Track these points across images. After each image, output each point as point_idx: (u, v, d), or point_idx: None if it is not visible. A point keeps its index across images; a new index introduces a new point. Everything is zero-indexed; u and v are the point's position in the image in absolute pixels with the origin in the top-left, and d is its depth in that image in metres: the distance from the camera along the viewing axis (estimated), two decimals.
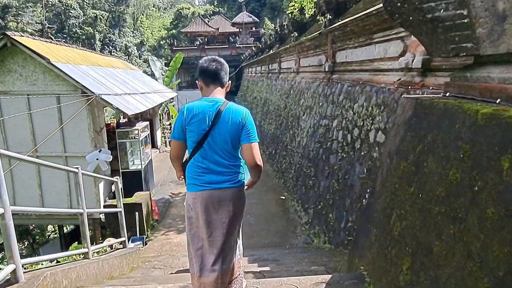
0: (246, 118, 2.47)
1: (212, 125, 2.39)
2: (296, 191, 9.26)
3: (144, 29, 70.44)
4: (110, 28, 60.21)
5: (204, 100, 2.48)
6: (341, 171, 6.53)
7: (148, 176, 10.05)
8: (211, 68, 2.49)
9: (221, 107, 2.42)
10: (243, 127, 2.45)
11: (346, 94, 6.99)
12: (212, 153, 2.45)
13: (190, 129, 2.42)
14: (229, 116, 2.42)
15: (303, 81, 10.94)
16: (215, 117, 2.39)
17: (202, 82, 2.56)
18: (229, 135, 2.41)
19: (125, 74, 12.99)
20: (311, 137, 8.84)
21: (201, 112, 2.40)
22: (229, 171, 2.52)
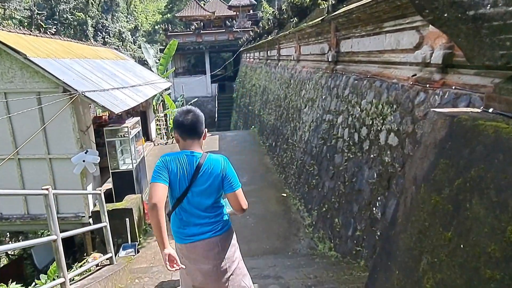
0: (225, 168, 2.48)
1: (192, 182, 2.40)
2: (298, 189, 8.72)
3: (138, 13, 69.01)
4: (103, 13, 58.81)
5: (182, 154, 2.47)
6: (347, 173, 5.97)
7: (140, 175, 9.51)
8: (187, 123, 2.47)
9: (200, 161, 2.42)
10: (224, 178, 2.46)
11: (352, 88, 6.37)
12: (192, 207, 2.46)
13: (171, 182, 2.40)
14: (208, 170, 2.43)
15: (304, 70, 10.29)
16: (195, 173, 2.39)
17: (178, 136, 2.55)
18: (210, 189, 2.43)
19: (114, 65, 12.30)
20: (313, 132, 8.25)
21: (180, 169, 2.40)
22: (210, 221, 2.52)
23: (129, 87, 10.46)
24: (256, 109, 18.72)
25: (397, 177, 4.38)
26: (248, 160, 13.02)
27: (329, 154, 6.98)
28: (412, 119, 4.22)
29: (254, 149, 14.57)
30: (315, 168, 7.71)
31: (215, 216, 2.55)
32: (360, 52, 6.46)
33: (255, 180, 10.85)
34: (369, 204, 5.00)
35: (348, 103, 6.44)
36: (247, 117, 22.29)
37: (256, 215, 8.41)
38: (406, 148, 4.24)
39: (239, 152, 14.08)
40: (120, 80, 10.73)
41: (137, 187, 9.16)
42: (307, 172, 8.18)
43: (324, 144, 7.36)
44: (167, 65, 21.70)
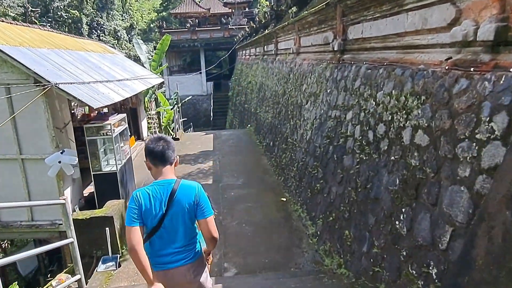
0: (199, 194, 2.49)
1: (167, 210, 2.40)
2: (300, 193, 7.88)
3: (134, 11, 68.20)
4: (98, 11, 58.02)
5: (155, 185, 2.50)
6: (360, 177, 5.13)
7: (126, 177, 8.62)
8: (157, 150, 2.50)
9: (173, 188, 2.44)
10: (198, 205, 2.46)
11: (364, 79, 5.53)
12: (167, 235, 2.47)
13: (145, 216, 2.41)
14: (182, 196, 2.44)
15: (305, 63, 9.45)
16: (169, 201, 2.41)
17: (150, 163, 2.57)
18: (184, 216, 2.44)
19: (100, 58, 11.40)
20: (317, 131, 7.41)
21: (155, 199, 2.42)
22: (184, 249, 2.54)
23: (114, 81, 9.57)
24: (252, 107, 17.87)
25: (428, 185, 3.55)
26: (244, 160, 12.17)
27: (336, 155, 6.14)
28: (449, 113, 3.39)
29: (251, 149, 13.72)
30: (319, 170, 6.87)
31: (189, 244, 2.58)
32: (373, 37, 5.62)
33: (252, 182, 10.00)
34: (390, 216, 4.16)
35: (359, 96, 5.60)
36: (243, 115, 21.44)
37: (253, 223, 7.56)
38: (442, 149, 3.40)
39: (234, 152, 13.23)
40: (105, 73, 9.83)
41: (122, 191, 8.28)
42: (310, 175, 7.34)
43: (330, 143, 6.53)
44: (160, 61, 20.74)
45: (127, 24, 63.40)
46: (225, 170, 11.18)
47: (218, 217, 7.48)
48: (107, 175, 8.01)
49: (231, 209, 8.27)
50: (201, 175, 10.77)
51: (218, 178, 10.46)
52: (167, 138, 2.59)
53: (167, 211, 2.43)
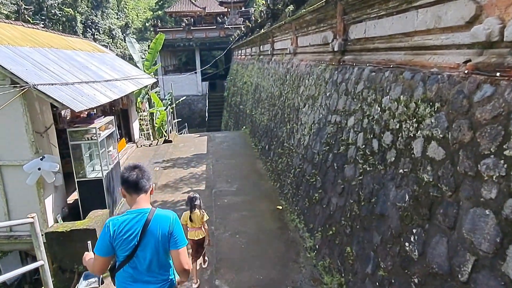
0: (174, 224, 2.44)
1: (140, 240, 2.35)
2: (297, 201, 7.44)
3: (129, 10, 67.64)
4: (92, 9, 57.44)
5: (130, 214, 2.43)
6: (363, 189, 4.70)
7: (113, 184, 8.14)
8: (131, 179, 2.46)
9: (148, 218, 2.38)
10: (171, 235, 2.41)
11: (368, 82, 5.10)
12: (140, 265, 2.41)
13: (118, 245, 2.36)
14: (156, 226, 2.39)
15: (303, 64, 9.02)
16: (142, 232, 2.35)
17: (124, 191, 2.51)
18: (158, 247, 2.40)
19: (88, 57, 10.91)
20: (315, 136, 6.98)
21: (128, 229, 2.36)
22: (158, 279, 2.47)
23: (102, 81, 9.09)
24: (248, 109, 17.43)
25: (445, 205, 3.12)
26: (238, 165, 11.71)
27: (336, 164, 5.71)
28: (469, 124, 2.96)
29: (245, 152, 13.27)
30: (317, 179, 6.44)
31: (162, 274, 2.52)
32: (377, 37, 5.19)
33: (247, 188, 9.55)
34: (398, 236, 3.73)
35: (362, 101, 5.17)
36: (238, 116, 20.99)
37: (247, 234, 7.11)
38: (461, 165, 2.98)
39: (229, 156, 12.77)
40: (92, 73, 9.35)
41: (109, 199, 7.81)
42: (308, 183, 6.91)
43: (330, 151, 6.09)
44: (153, 61, 20.24)
45: (122, 23, 62.84)
46: (218, 175, 10.73)
47: (210, 227, 7.02)
48: (92, 182, 7.54)
49: (224, 218, 7.82)
50: (193, 180, 10.32)
51: (211, 183, 10.01)
52: (142, 167, 2.58)
53: (140, 242, 2.38)
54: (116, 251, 2.42)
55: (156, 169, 11.61)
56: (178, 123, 28.35)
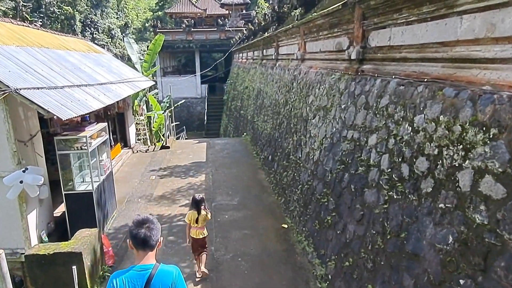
0: (176, 280, 2.48)
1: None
2: (305, 222, 6.83)
3: (129, 10, 67.14)
4: (92, 8, 56.90)
5: (133, 270, 2.45)
6: (389, 220, 4.09)
7: (104, 197, 7.50)
8: (139, 236, 2.44)
9: (151, 274, 2.42)
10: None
11: (395, 97, 4.50)
12: None
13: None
14: (159, 282, 2.43)
15: (312, 71, 8.42)
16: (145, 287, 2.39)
17: (132, 245, 2.51)
18: None
19: (82, 58, 10.27)
20: (327, 152, 6.37)
21: (132, 286, 2.39)
22: None
23: (95, 85, 8.45)
24: (249, 114, 16.82)
25: (507, 257, 2.51)
26: (240, 175, 11.09)
27: (354, 186, 5.10)
28: None
29: (247, 161, 12.65)
30: (330, 200, 5.83)
31: None
32: (406, 45, 4.59)
33: (249, 202, 8.92)
34: (439, 285, 3.12)
35: (387, 117, 4.57)
36: (238, 122, 20.38)
37: (250, 256, 6.48)
38: None
39: (229, 165, 12.14)
40: (86, 76, 8.71)
41: (99, 214, 7.16)
42: (318, 203, 6.29)
43: (346, 170, 5.48)
44: (152, 62, 19.62)
45: (121, 23, 62.33)
46: (218, 186, 10.10)
47: (210, 247, 6.40)
48: (81, 196, 6.90)
49: (225, 237, 7.19)
50: (191, 192, 9.66)
51: (211, 196, 9.38)
52: (151, 221, 2.52)
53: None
54: None
55: (152, 177, 10.96)
56: (176, 126, 27.71)
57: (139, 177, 10.98)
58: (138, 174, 11.31)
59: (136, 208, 8.72)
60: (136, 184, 10.38)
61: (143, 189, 10.02)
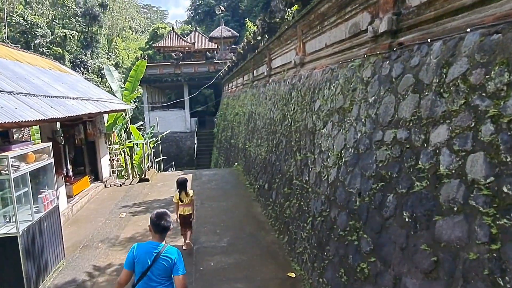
0: (177, 259, 3.18)
1: (153, 263, 3.14)
2: (322, 268, 4.79)
3: (120, 51, 67.03)
4: (82, 49, 56.46)
5: (150, 244, 3.20)
6: (502, 273, 2.13)
7: (41, 243, 5.41)
8: (161, 226, 3.21)
9: (160, 250, 3.16)
10: (175, 265, 3.17)
11: (482, 55, 2.67)
12: (151, 281, 3.17)
13: (138, 263, 3.17)
14: (165, 257, 3.16)
15: (317, 71, 6.69)
16: (155, 258, 3.14)
17: (152, 230, 3.25)
18: (164, 271, 3.16)
19: (37, 71, 8.48)
20: (351, 167, 4.47)
21: (146, 253, 3.15)
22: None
23: (41, 96, 6.58)
24: (240, 142, 14.98)
25: None
26: (230, 208, 9.06)
27: (410, 214, 3.16)
28: None
29: (238, 192, 10.64)
30: (362, 237, 3.86)
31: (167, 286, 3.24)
32: None
33: (241, 243, 6.87)
34: None
35: (469, 92, 2.72)
36: (229, 152, 18.50)
37: None
38: None
39: (218, 197, 10.11)
40: (32, 87, 6.87)
41: (30, 268, 5.05)
42: (342, 242, 4.31)
43: (388, 190, 3.56)
44: (133, 91, 17.92)
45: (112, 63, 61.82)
46: (203, 223, 8.04)
47: None
48: (2, 242, 4.81)
49: None
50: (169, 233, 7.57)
51: (194, 235, 7.30)
52: (168, 214, 3.29)
53: (152, 264, 3.14)
54: (135, 266, 3.16)
55: (122, 215, 8.87)
56: (165, 161, 25.69)
57: (106, 215, 8.87)
58: (106, 211, 9.21)
59: (92, 256, 6.58)
60: (100, 224, 8.26)
61: (108, 230, 7.90)
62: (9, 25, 47.83)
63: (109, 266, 6.18)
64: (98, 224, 8.27)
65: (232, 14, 53.88)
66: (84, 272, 5.93)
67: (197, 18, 64.14)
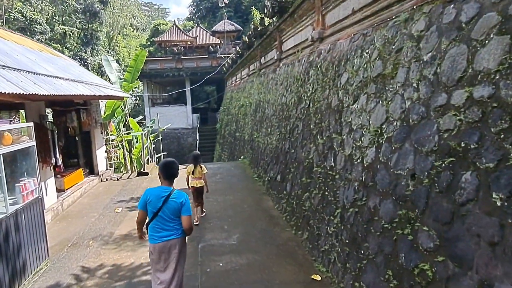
0: (184, 201, 3.61)
1: (163, 204, 3.58)
2: (358, 270, 3.90)
3: (120, 48, 66.09)
4: (82, 46, 55.61)
5: (161, 188, 3.68)
6: None
7: (17, 241, 4.53)
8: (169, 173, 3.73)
9: (170, 193, 3.62)
10: (182, 206, 3.60)
11: None
12: (163, 220, 3.62)
13: (150, 204, 3.61)
14: (174, 199, 3.60)
15: (343, 42, 5.79)
16: (165, 200, 3.59)
17: (161, 176, 3.75)
18: (173, 209, 3.59)
19: (23, 50, 7.62)
20: (398, 143, 3.57)
21: (157, 196, 3.60)
22: (173, 229, 3.66)
23: (23, 71, 5.71)
24: (246, 134, 14.08)
25: None
26: (237, 203, 8.17)
27: (507, 194, 2.27)
28: None
29: (246, 186, 9.75)
30: (421, 229, 2.97)
31: (176, 226, 3.65)
32: None
33: (253, 241, 5.98)
34: None
35: None
36: (234, 146, 17.61)
37: None
38: None
39: (223, 191, 9.22)
40: (14, 61, 5.99)
41: (3, 271, 4.18)
42: (389, 237, 3.42)
43: (463, 166, 2.67)
44: (133, 81, 17.02)
45: None
46: (209, 219, 7.17)
47: None
48: None
49: None
50: None
51: (197, 232, 6.43)
52: (175, 162, 3.81)
53: (162, 205, 3.57)
54: (148, 207, 3.60)
55: (118, 210, 7.98)
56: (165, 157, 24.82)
57: (100, 211, 7.98)
58: (100, 206, 8.32)
59: (81, 255, 5.69)
60: (93, 220, 7.37)
61: (102, 226, 7.02)
62: (8, 21, 47.01)
63: (100, 267, 5.30)
64: (90, 220, 7.39)
65: (235, 10, 52.91)
66: (71, 275, 5.04)
67: (199, 15, 63.11)
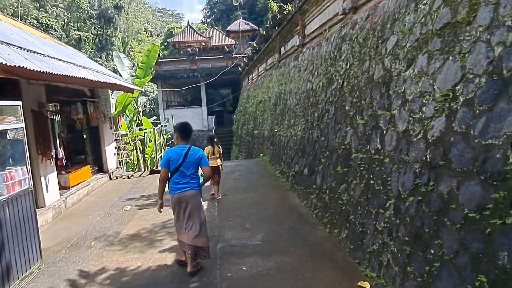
0: (202, 154, 4.29)
1: (183, 160, 4.18)
2: (426, 275, 2.95)
3: (135, 53, 66.28)
4: (97, 51, 55.83)
5: (179, 147, 4.27)
6: None
7: (1, 239, 3.74)
8: (185, 133, 4.35)
9: (187, 150, 4.22)
10: (201, 159, 4.27)
11: None
12: (183, 174, 4.21)
13: (172, 162, 4.18)
14: (192, 154, 4.23)
15: (386, 3, 4.87)
16: (185, 156, 4.18)
17: (178, 137, 4.35)
18: (192, 164, 4.23)
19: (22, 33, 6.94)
20: (482, 105, 2.62)
21: (178, 153, 4.20)
22: (191, 181, 4.26)
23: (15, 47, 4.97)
24: (266, 130, 13.20)
25: None
26: (259, 200, 7.28)
27: None
28: None
29: (268, 183, 8.85)
30: None
31: (194, 179, 4.30)
32: None
33: (281, 241, 5.07)
34: None
35: None
36: (252, 145, 16.75)
37: None
38: None
39: (243, 188, 8.33)
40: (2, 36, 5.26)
41: None
42: (478, 230, 2.47)
43: None
44: (145, 77, 16.36)
45: None
46: (228, 216, 6.30)
47: None
48: None
49: None
50: None
51: (216, 231, 5.57)
52: (189, 124, 4.46)
53: (183, 161, 4.18)
54: (170, 165, 4.17)
55: (127, 208, 7.18)
56: None
57: (106, 209, 7.19)
58: (108, 204, 7.54)
59: (81, 257, 4.87)
60: (98, 219, 6.58)
61: (107, 225, 6.22)
62: None
63: (102, 271, 4.47)
64: (95, 219, 6.60)
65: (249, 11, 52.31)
66: (65, 280, 4.22)
67: (213, 17, 62.76)
